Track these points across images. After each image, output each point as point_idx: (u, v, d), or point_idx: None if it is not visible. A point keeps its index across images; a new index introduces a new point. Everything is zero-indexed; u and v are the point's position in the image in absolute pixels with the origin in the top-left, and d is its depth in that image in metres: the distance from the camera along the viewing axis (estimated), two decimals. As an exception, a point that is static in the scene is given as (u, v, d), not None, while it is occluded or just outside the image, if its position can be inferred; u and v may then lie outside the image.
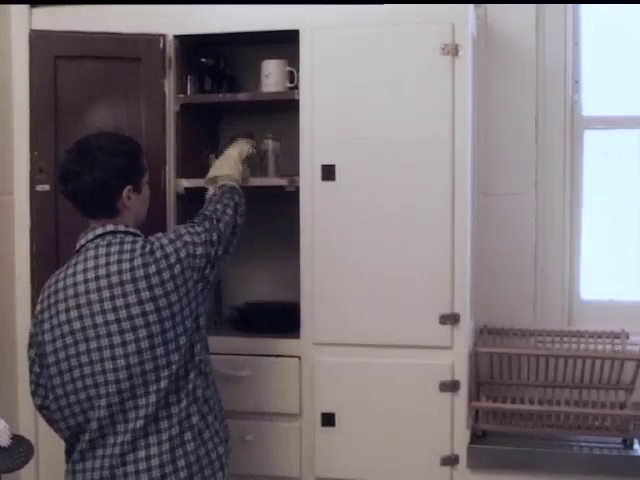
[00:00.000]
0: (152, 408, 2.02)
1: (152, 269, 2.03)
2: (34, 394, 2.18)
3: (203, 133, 2.86)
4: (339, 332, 2.52)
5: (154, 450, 2.02)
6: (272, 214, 2.82)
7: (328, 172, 2.50)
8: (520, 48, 2.83)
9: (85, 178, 2.10)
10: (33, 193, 2.60)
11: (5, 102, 2.65)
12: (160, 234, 2.14)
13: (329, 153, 2.51)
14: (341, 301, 2.51)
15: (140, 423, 2.02)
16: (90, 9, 2.61)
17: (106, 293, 2.03)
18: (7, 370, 2.66)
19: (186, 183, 2.64)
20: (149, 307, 2.01)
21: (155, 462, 2.02)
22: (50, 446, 2.64)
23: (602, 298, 2.91)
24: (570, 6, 2.83)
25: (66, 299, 2.06)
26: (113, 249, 2.08)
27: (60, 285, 2.09)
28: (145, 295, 2.02)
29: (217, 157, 2.64)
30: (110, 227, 2.13)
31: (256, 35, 2.59)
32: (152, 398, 2.02)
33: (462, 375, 2.47)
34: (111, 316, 2.02)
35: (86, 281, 2.05)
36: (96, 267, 2.06)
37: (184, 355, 2.06)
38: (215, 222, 2.22)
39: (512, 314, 2.82)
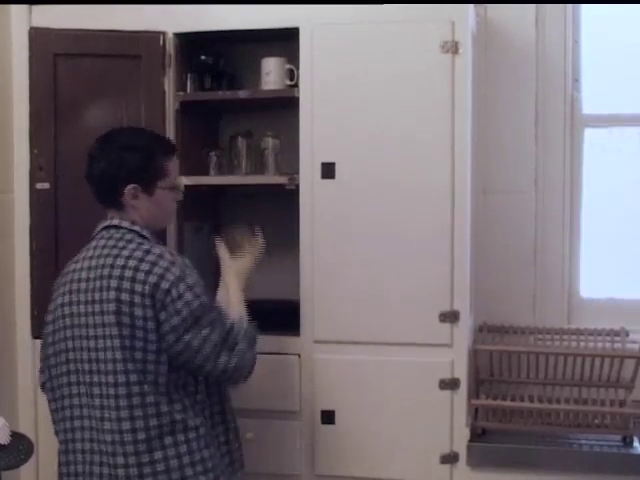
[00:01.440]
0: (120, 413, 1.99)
1: (128, 273, 1.99)
2: (41, 371, 2.18)
3: (203, 131, 2.86)
4: (339, 330, 2.52)
5: (120, 460, 2.00)
6: (272, 212, 2.82)
7: (328, 170, 2.50)
8: (520, 46, 2.83)
9: (95, 165, 2.10)
10: (33, 191, 2.60)
11: (5, 100, 2.64)
12: (169, 256, 2.03)
13: (329, 151, 2.51)
14: (341, 299, 2.51)
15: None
16: (90, 6, 2.61)
17: (90, 285, 2.03)
18: (7, 368, 2.66)
19: (186, 180, 2.63)
20: (111, 307, 1.99)
21: (122, 472, 1.99)
22: (50, 444, 2.64)
23: (602, 296, 2.90)
24: (570, 4, 2.83)
25: (65, 284, 2.09)
26: (109, 243, 2.07)
27: (67, 269, 2.12)
28: (111, 295, 1.99)
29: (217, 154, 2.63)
30: (115, 221, 2.11)
31: (256, 33, 2.59)
32: (119, 402, 1.98)
33: (462, 373, 2.47)
34: (89, 308, 2.02)
35: (81, 269, 2.07)
36: (91, 257, 2.07)
37: (146, 372, 1.98)
38: (224, 341, 2.04)
39: (512, 312, 2.82)
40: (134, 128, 2.23)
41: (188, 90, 2.68)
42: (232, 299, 2.20)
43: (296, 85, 2.58)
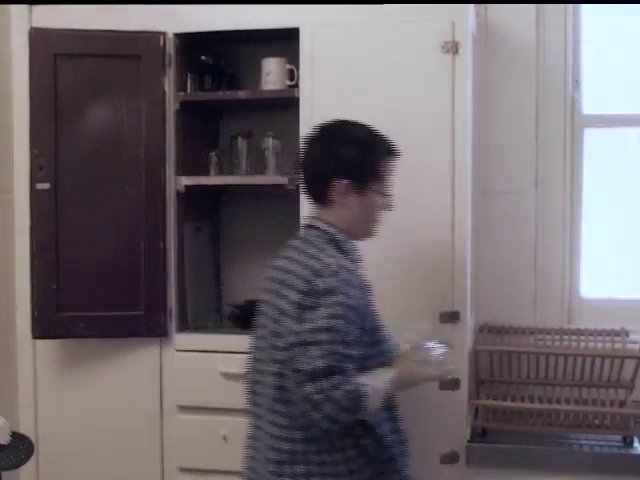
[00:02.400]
0: (264, 408, 1.95)
1: (291, 280, 1.88)
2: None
3: (203, 131, 2.86)
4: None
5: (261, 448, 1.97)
6: (272, 212, 2.82)
7: (328, 170, 2.50)
8: (520, 46, 2.82)
9: (309, 156, 2.00)
10: (33, 191, 2.59)
11: (5, 100, 2.65)
12: (335, 267, 1.86)
13: (329, 151, 2.50)
14: (341, 299, 2.50)
15: (261, 411, 1.96)
16: (90, 6, 2.61)
17: (271, 285, 1.96)
18: (7, 368, 2.66)
19: (186, 181, 2.64)
20: (272, 313, 1.92)
21: (263, 456, 1.94)
22: (50, 444, 2.64)
23: (602, 296, 2.90)
24: (570, 4, 2.83)
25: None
26: (295, 243, 1.98)
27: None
28: (274, 300, 1.92)
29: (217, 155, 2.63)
30: (313, 221, 2.00)
31: (256, 33, 2.59)
32: (264, 395, 1.94)
33: (462, 373, 2.47)
34: (265, 308, 1.97)
35: (271, 267, 2.00)
36: (282, 257, 1.99)
37: (287, 390, 1.87)
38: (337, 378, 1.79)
39: (512, 312, 2.82)
40: (357, 123, 2.03)
41: (188, 90, 2.68)
42: (386, 377, 1.92)
43: (296, 85, 2.58)
